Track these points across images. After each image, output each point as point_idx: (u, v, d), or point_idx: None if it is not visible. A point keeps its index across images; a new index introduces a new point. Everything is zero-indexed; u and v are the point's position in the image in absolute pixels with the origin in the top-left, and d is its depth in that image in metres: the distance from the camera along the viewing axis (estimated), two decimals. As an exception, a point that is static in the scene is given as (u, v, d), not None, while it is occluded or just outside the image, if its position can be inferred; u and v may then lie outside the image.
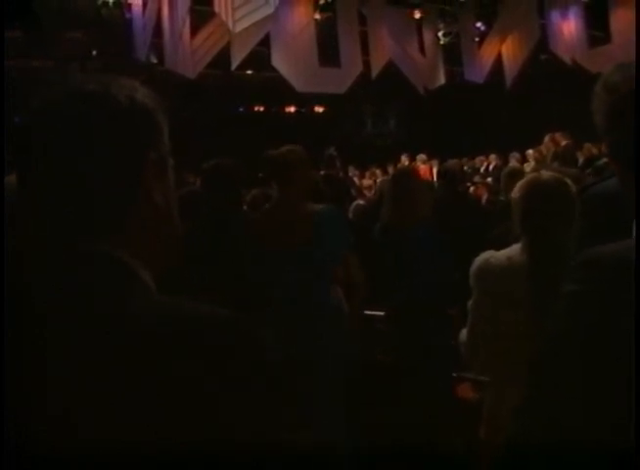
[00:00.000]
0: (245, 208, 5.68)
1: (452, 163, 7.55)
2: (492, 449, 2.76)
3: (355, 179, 15.91)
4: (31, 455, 0.94)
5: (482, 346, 2.89)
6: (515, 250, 2.84)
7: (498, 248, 2.95)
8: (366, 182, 15.16)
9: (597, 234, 1.61)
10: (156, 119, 1.18)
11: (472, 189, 11.30)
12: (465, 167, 15.95)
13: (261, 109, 21.76)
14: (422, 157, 16.22)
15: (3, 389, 0.95)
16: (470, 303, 2.93)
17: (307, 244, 3.86)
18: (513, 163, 12.85)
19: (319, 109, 22.50)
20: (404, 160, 16.44)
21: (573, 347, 1.25)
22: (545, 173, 2.85)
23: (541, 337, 1.32)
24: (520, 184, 2.86)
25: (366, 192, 13.30)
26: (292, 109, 22.06)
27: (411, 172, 5.15)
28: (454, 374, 4.21)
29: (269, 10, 14.92)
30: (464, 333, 2.97)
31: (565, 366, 1.26)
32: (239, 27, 14.84)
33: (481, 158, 16.27)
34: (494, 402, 2.92)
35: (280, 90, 18.26)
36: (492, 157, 15.67)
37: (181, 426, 0.94)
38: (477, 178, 13.86)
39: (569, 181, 2.82)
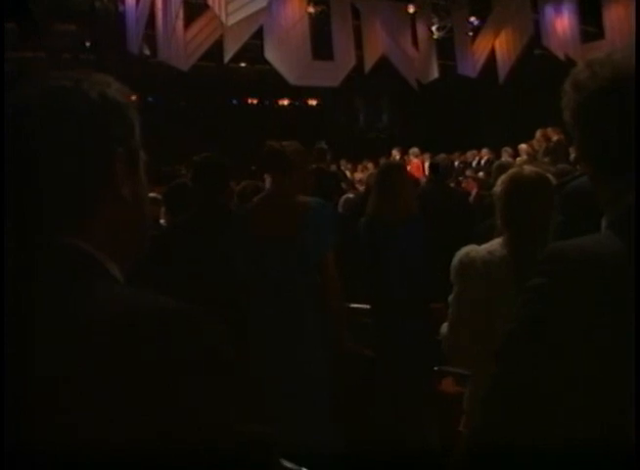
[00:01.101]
0: (235, 199, 5.71)
1: (441, 157, 7.60)
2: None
3: (347, 173, 15.91)
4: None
5: (463, 339, 2.91)
6: (496, 244, 2.87)
7: (482, 243, 2.98)
8: (358, 176, 15.17)
9: (574, 228, 1.63)
10: (126, 115, 1.21)
11: (463, 183, 11.35)
12: (456, 162, 15.99)
13: (255, 102, 21.78)
14: (414, 151, 16.23)
15: (3, 389, 0.97)
16: (451, 297, 2.95)
17: (295, 234, 3.90)
18: (505, 157, 12.88)
19: (312, 102, 22.52)
20: (395, 153, 16.44)
21: (533, 338, 1.27)
22: (527, 168, 2.86)
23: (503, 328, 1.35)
24: (501, 179, 2.89)
25: (358, 185, 13.31)
26: (285, 102, 22.08)
27: (397, 167, 5.16)
28: (436, 368, 4.22)
29: (262, 3, 14.88)
30: (445, 327, 3.00)
31: (521, 358, 1.28)
32: (231, 21, 14.80)
33: (473, 152, 16.28)
34: (475, 395, 2.95)
35: (273, 83, 18.25)
36: (484, 151, 15.67)
37: (142, 414, 0.96)
38: (468, 172, 13.88)
39: (550, 176, 2.84)
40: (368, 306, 5.04)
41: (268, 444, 1.12)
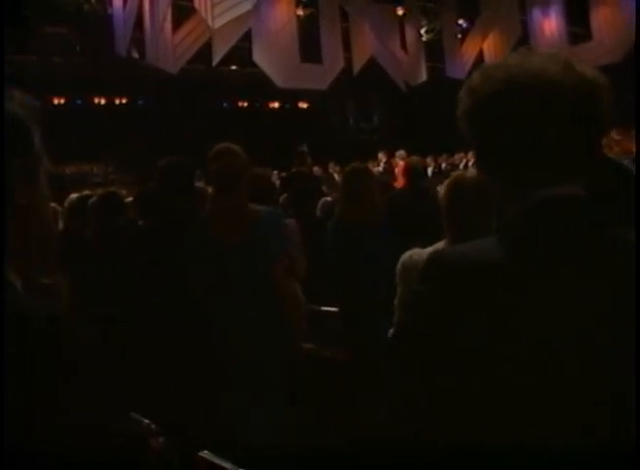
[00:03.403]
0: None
1: (414, 160, 7.60)
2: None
3: (335, 175, 15.91)
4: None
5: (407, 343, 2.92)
6: (439, 246, 2.88)
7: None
8: (345, 178, 15.15)
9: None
10: (23, 126, 1.22)
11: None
12: (444, 164, 16.00)
13: (245, 104, 21.81)
14: (401, 153, 16.19)
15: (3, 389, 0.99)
16: (395, 300, 2.97)
17: (246, 240, 3.94)
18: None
19: (303, 105, 22.55)
20: (382, 156, 16.43)
21: (409, 342, 1.29)
22: (470, 171, 2.89)
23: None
24: (445, 183, 2.91)
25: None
26: (275, 104, 22.11)
27: (362, 171, 5.17)
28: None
29: (248, 6, 14.92)
30: (391, 332, 3.01)
31: (402, 362, 1.30)
32: (218, 23, 14.84)
33: (461, 154, 16.28)
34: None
35: (263, 86, 18.27)
36: (472, 154, 15.61)
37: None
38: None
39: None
40: (335, 310, 5.06)
41: (138, 441, 1.15)
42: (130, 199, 7.03)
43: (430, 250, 2.89)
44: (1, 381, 0.99)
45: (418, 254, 2.90)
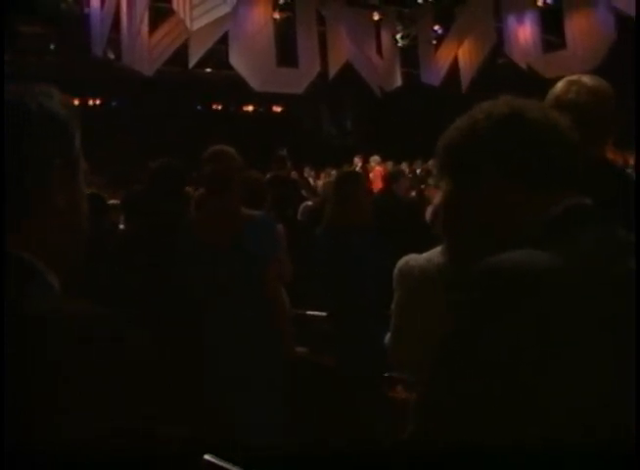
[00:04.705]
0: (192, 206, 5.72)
1: (394, 168, 7.73)
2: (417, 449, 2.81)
3: (311, 180, 15.94)
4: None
5: (404, 347, 2.95)
6: (436, 252, 2.91)
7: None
8: (321, 183, 15.20)
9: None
10: (66, 126, 1.24)
11: (425, 191, 11.44)
12: (418, 170, 16.08)
13: (219, 107, 21.76)
14: (375, 158, 16.26)
15: (3, 389, 1.00)
16: (392, 306, 2.99)
17: (238, 245, 3.97)
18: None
19: (277, 108, 22.54)
20: (357, 161, 16.49)
21: (469, 350, 1.32)
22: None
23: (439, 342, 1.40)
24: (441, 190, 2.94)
25: (321, 192, 13.34)
26: (250, 108, 22.08)
27: (354, 176, 5.22)
28: (386, 374, 4.28)
29: (227, 9, 14.92)
30: (387, 336, 3.03)
31: (458, 368, 1.33)
32: (196, 25, 14.82)
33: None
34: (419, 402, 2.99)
35: (239, 89, 18.24)
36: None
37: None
38: (430, 180, 13.97)
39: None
40: (324, 314, 5.09)
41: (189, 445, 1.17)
42: (113, 201, 7.03)
43: (426, 255, 2.93)
44: (1, 381, 0.99)
45: (415, 259, 2.92)
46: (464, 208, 1.63)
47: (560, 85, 2.90)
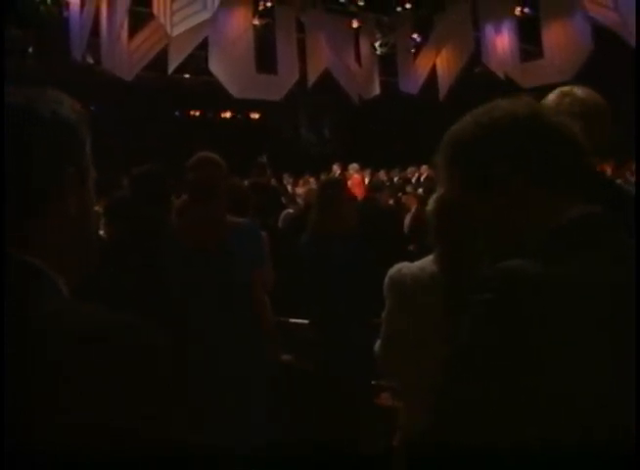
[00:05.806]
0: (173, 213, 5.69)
1: (376, 177, 7.80)
2: (404, 456, 2.81)
3: (289, 187, 15.94)
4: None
5: (395, 355, 2.94)
6: (428, 261, 2.91)
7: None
8: (299, 190, 15.21)
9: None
10: (77, 133, 1.23)
11: (403, 199, 11.48)
12: (396, 178, 16.13)
13: (197, 113, 21.71)
14: (354, 166, 16.28)
15: (3, 389, 0.99)
16: (383, 313, 2.99)
17: (222, 252, 3.96)
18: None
19: (255, 115, 22.53)
20: (336, 169, 16.51)
21: (483, 353, 1.32)
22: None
23: (453, 344, 1.39)
24: (433, 198, 2.94)
25: (299, 200, 13.35)
26: (227, 114, 22.05)
27: (337, 183, 5.22)
28: (373, 382, 4.28)
29: (207, 15, 14.86)
30: (378, 344, 3.03)
31: (474, 372, 1.33)
32: (176, 31, 14.76)
33: (413, 169, 16.42)
34: (408, 410, 2.99)
35: (217, 95, 18.20)
36: (424, 168, 15.77)
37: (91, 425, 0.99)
38: (408, 189, 14.01)
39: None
40: (306, 322, 5.09)
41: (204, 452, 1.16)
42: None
43: (418, 263, 2.93)
44: (1, 381, 0.99)
45: (407, 267, 2.92)
46: (467, 209, 1.62)
47: (552, 97, 2.90)
